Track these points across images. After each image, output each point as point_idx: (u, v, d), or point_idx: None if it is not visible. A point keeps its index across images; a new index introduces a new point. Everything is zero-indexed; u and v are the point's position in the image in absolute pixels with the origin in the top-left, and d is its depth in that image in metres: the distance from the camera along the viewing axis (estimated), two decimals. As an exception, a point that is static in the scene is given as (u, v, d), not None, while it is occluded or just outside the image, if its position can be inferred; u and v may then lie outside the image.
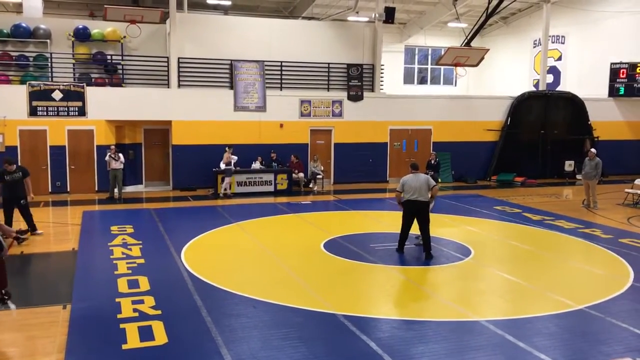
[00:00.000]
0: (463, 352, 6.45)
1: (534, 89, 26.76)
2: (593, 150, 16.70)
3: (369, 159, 21.16)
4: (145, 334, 6.80)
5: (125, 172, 18.69)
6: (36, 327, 7.06)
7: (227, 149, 17.56)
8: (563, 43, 26.89)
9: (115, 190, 17.15)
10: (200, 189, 18.99)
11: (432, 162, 18.95)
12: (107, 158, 17.05)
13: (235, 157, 18.16)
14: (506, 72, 29.58)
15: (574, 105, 23.26)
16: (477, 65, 22.21)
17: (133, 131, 19.19)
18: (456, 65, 21.86)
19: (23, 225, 12.25)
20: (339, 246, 11.46)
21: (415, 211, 10.47)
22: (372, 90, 21.21)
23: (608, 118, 23.83)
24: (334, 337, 6.85)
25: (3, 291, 6.46)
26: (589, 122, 23.31)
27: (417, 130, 21.85)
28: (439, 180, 20.34)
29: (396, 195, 10.83)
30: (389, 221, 13.42)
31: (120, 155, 17.09)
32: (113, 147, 17.18)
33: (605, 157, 22.33)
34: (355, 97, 20.74)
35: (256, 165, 18.99)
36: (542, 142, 23.02)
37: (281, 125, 19.87)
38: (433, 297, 8.48)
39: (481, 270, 10.03)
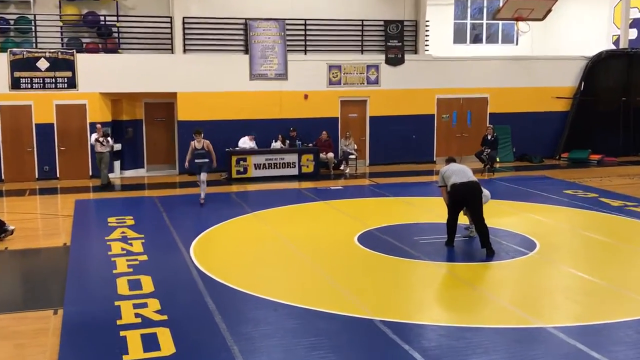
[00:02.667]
0: (526, 365, 6.42)
1: (613, 47, 26.09)
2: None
3: (412, 135, 21.02)
4: (150, 342, 6.92)
5: (123, 155, 18.95)
6: (24, 334, 7.25)
7: (195, 135, 14.76)
8: (650, -11, 26.10)
9: (110, 175, 17.39)
10: (211, 172, 19.09)
11: (489, 137, 18.72)
12: (92, 141, 17.03)
13: (252, 144, 18.34)
14: (579, 28, 28.88)
15: (664, 66, 22.66)
16: (543, 19, 21.76)
17: (132, 105, 19.41)
18: (517, 19, 21.44)
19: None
20: (377, 239, 11.46)
21: (465, 196, 10.39)
22: (415, 52, 20.99)
23: None
24: (370, 347, 6.87)
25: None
26: (683, 86, 22.70)
27: (470, 100, 21.58)
28: (497, 159, 20.13)
29: (442, 191, 10.81)
30: (437, 209, 13.32)
31: (109, 139, 17.03)
32: (99, 126, 17.16)
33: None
34: (395, 61, 20.56)
35: (277, 144, 19.06)
36: (623, 111, 22.50)
37: (306, 96, 19.84)
38: (489, 300, 8.43)
39: (548, 267, 9.91)
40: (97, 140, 16.85)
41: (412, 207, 14.55)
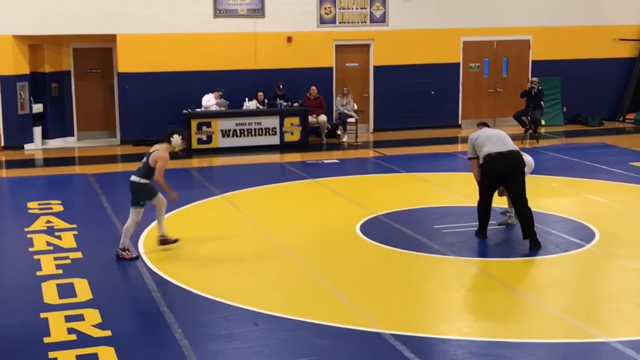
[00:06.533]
0: (584, 391, 6.51)
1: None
2: None
3: (430, 91, 21.01)
4: (89, 366, 6.94)
5: (45, 119, 18.81)
6: None
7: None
8: None
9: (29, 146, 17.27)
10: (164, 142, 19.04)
11: (533, 91, 18.67)
12: None
13: (218, 102, 18.23)
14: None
15: None
16: None
17: (56, 52, 19.22)
18: None
19: None
20: (385, 228, 11.48)
21: (503, 170, 10.41)
22: (434, -21, 20.93)
23: None
24: (380, 369, 6.94)
25: None
26: None
27: (506, 43, 21.56)
28: (542, 122, 20.14)
29: (472, 164, 10.81)
30: (464, 189, 13.37)
31: None
32: None
33: None
34: (407, -8, 20.52)
35: (251, 104, 18.99)
36: None
37: (289, 39, 19.75)
38: (534, 306, 8.48)
39: (611, 264, 9.98)
40: None
41: (431, 186, 14.55)
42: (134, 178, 10.20)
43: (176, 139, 10.28)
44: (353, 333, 7.67)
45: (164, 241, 10.43)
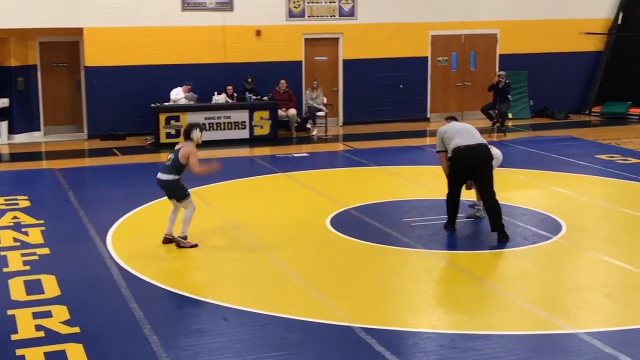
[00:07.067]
0: (552, 382, 6.58)
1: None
2: None
3: (399, 85, 21.07)
4: (57, 363, 6.88)
5: (11, 113, 18.63)
6: None
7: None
8: None
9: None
10: (132, 136, 18.95)
11: (500, 85, 18.76)
12: None
13: (192, 95, 18.15)
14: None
15: None
16: None
17: (22, 46, 19.02)
18: None
19: None
20: (355, 222, 11.51)
21: (472, 163, 10.47)
22: (402, -27, 20.96)
23: None
24: (350, 363, 6.95)
25: None
26: None
27: (474, 37, 21.65)
28: (509, 115, 20.27)
29: (440, 158, 10.86)
30: (433, 182, 13.43)
31: None
32: None
33: None
34: (376, -15, 20.53)
35: (220, 98, 18.93)
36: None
37: (258, 33, 19.70)
38: (503, 298, 8.54)
39: (578, 255, 10.09)
40: None
41: (400, 180, 14.61)
42: (162, 176, 10.39)
43: (196, 134, 10.49)
44: (324, 327, 7.68)
45: (169, 240, 10.44)
